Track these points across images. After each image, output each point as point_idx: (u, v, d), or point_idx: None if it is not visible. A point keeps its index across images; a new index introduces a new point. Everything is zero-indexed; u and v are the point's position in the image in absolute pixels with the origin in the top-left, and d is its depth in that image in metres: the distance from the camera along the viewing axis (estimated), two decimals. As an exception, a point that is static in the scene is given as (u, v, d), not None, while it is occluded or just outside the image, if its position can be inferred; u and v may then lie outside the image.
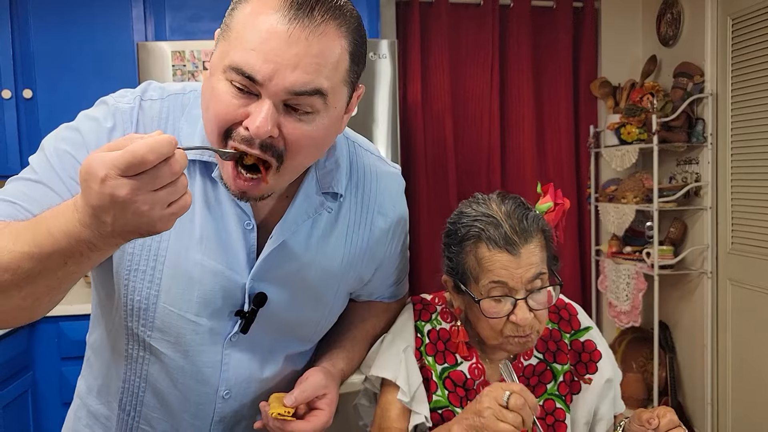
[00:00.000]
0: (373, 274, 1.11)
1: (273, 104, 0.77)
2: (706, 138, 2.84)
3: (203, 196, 0.92)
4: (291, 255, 0.96)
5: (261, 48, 0.75)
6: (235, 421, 1.05)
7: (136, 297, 0.93)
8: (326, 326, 1.11)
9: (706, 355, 2.88)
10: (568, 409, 1.15)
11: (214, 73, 0.80)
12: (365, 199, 1.04)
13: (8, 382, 2.16)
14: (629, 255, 3.04)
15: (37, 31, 2.57)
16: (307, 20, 0.75)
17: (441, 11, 3.16)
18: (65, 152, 0.88)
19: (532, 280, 1.04)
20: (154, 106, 0.92)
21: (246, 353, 1.00)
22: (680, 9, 2.99)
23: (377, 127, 2.34)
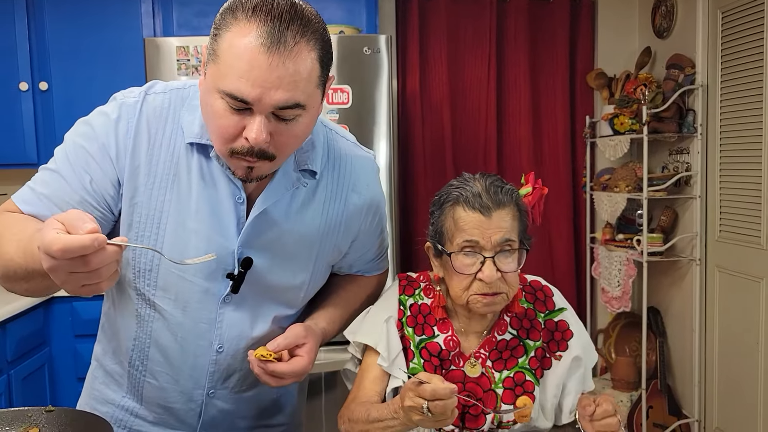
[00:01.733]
0: (350, 247, 1.24)
1: (264, 117, 0.93)
2: (696, 128, 2.92)
3: (200, 173, 1.07)
4: (272, 222, 1.11)
5: (248, 76, 0.90)
6: (227, 374, 1.18)
7: (142, 260, 1.09)
8: (309, 294, 1.23)
9: (695, 339, 2.98)
10: (537, 382, 1.25)
11: (211, 91, 0.95)
12: (341, 179, 1.18)
13: (27, 356, 2.31)
14: (621, 242, 3.13)
15: (53, 27, 2.70)
16: (282, 47, 0.90)
17: (440, 4, 3.25)
18: (80, 146, 1.06)
19: (501, 243, 1.16)
20: (157, 99, 1.08)
21: (238, 313, 1.14)
22: (674, 2, 3.06)
23: (374, 120, 2.44)
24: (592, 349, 1.31)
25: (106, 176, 1.05)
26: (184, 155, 1.07)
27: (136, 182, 1.06)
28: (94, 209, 1.05)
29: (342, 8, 2.80)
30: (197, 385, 1.17)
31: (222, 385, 1.19)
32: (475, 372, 1.24)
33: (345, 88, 2.41)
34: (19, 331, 2.24)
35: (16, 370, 2.22)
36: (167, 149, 1.07)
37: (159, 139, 1.07)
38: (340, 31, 2.49)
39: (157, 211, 1.07)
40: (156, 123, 1.07)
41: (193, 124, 1.06)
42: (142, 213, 1.07)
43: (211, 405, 1.20)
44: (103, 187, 1.06)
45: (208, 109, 0.97)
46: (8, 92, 2.70)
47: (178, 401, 1.19)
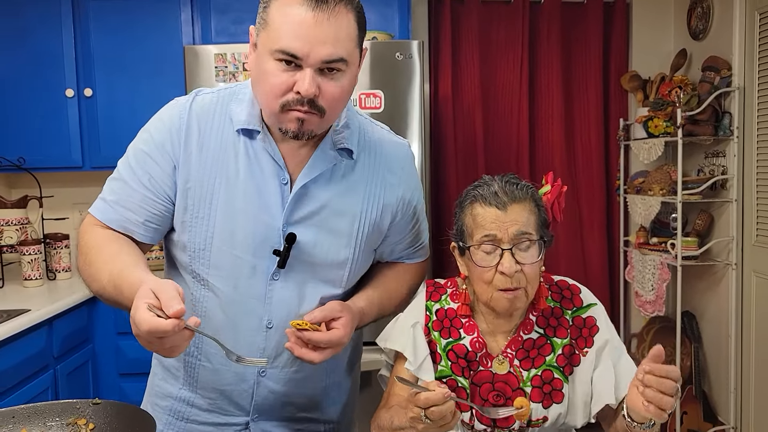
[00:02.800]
0: (389, 229, 1.30)
1: (312, 71, 1.05)
2: (732, 131, 2.88)
3: (246, 157, 1.18)
4: (313, 198, 1.19)
5: (297, 34, 1.02)
6: (277, 351, 1.23)
7: (197, 239, 1.19)
8: (353, 275, 1.28)
9: (731, 345, 2.93)
10: (566, 379, 1.26)
11: (262, 57, 1.06)
12: (377, 160, 1.26)
13: (72, 352, 2.40)
14: (655, 246, 3.10)
15: (97, 36, 2.81)
16: (325, 6, 1.03)
17: (472, 8, 3.27)
18: (139, 149, 1.20)
19: (518, 236, 1.19)
20: (206, 97, 1.22)
21: (285, 290, 1.21)
22: (710, 3, 3.02)
23: (406, 124, 2.47)
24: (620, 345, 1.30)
25: (163, 171, 1.18)
26: (232, 142, 1.18)
27: (189, 169, 1.17)
28: (155, 202, 1.18)
29: (375, 14, 2.84)
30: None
31: (273, 363, 1.24)
32: (503, 369, 1.26)
33: (377, 93, 2.45)
34: (65, 328, 2.33)
35: (62, 366, 2.31)
36: (217, 137, 1.18)
37: (208, 130, 1.18)
38: (373, 37, 2.54)
39: (208, 193, 1.17)
40: (205, 116, 1.19)
41: (242, 113, 1.17)
42: (195, 196, 1.17)
43: (262, 385, 1.25)
44: (162, 181, 1.18)
45: (260, 75, 1.08)
46: (55, 99, 2.82)
47: (232, 382, 1.24)
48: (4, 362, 1.95)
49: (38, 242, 2.64)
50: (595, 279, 3.40)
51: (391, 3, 2.84)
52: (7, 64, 2.80)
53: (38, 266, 2.62)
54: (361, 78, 2.45)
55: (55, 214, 2.93)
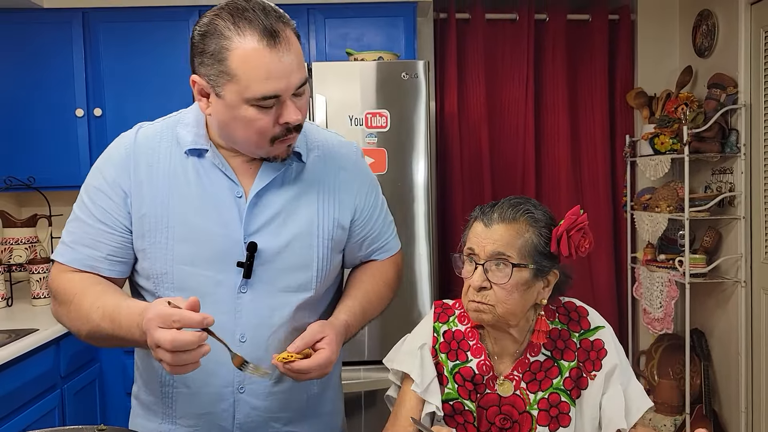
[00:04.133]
0: (353, 224, 1.31)
1: (291, 100, 1.10)
2: (739, 148, 2.87)
3: (197, 176, 1.20)
4: (269, 204, 1.21)
5: (270, 76, 1.06)
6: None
7: (158, 265, 1.19)
8: (322, 276, 1.26)
9: (741, 363, 2.91)
10: (573, 403, 1.25)
11: (236, 107, 1.08)
12: (327, 160, 1.29)
13: (79, 371, 2.40)
14: (663, 263, 3.09)
15: (107, 57, 2.85)
16: (278, 38, 1.06)
17: (477, 27, 3.30)
18: (92, 187, 1.22)
19: (492, 254, 1.20)
20: (149, 128, 1.25)
21: (255, 301, 1.20)
22: (715, 20, 3.03)
23: (412, 143, 2.49)
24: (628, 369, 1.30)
25: (116, 203, 1.19)
26: (182, 165, 1.20)
27: (141, 197, 1.19)
28: (112, 235, 1.20)
29: (381, 35, 2.87)
30: (226, 382, 1.22)
31: (250, 378, 1.21)
32: (506, 391, 1.26)
33: (383, 112, 2.46)
34: (72, 348, 2.33)
35: (69, 385, 2.31)
36: (166, 162, 1.20)
37: (156, 156, 1.21)
38: (379, 57, 2.56)
39: (163, 217, 1.19)
40: (152, 144, 1.22)
41: (188, 135, 1.20)
42: (151, 222, 1.19)
43: (243, 402, 1.23)
44: (116, 213, 1.19)
45: (239, 122, 1.10)
46: (65, 118, 2.85)
47: (211, 403, 1.23)
48: (12, 382, 1.96)
49: (47, 261, 2.66)
50: (602, 296, 3.39)
51: (396, 24, 2.87)
52: (18, 85, 2.84)
53: (47, 285, 2.63)
54: (367, 97, 2.47)
55: (63, 233, 2.95)
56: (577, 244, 1.23)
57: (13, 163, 2.84)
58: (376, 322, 2.48)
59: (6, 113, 2.85)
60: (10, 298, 2.63)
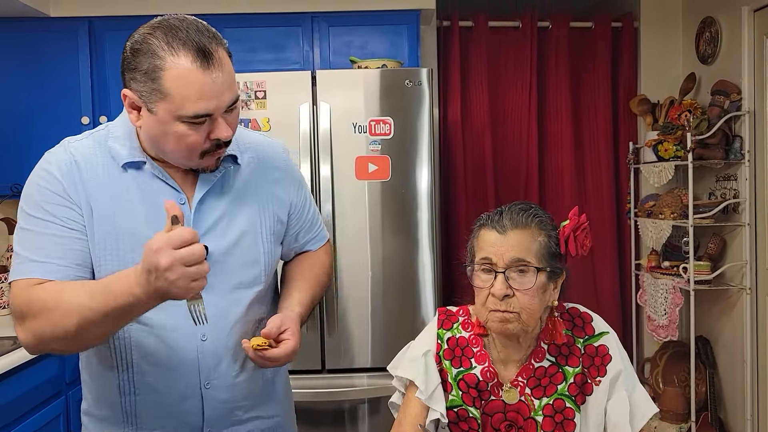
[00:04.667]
0: (289, 218, 1.40)
1: (222, 117, 1.14)
2: (743, 155, 2.87)
3: (138, 188, 1.22)
4: (213, 208, 1.26)
5: (202, 96, 1.09)
6: (216, 360, 1.26)
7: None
8: (268, 269, 1.34)
9: (746, 370, 2.89)
10: (578, 408, 1.25)
11: (167, 123, 1.11)
12: (260, 161, 1.35)
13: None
14: (667, 270, 3.08)
15: (113, 65, 2.87)
16: (211, 59, 1.09)
17: (480, 35, 3.31)
18: (41, 200, 1.18)
19: (513, 261, 1.20)
20: (81, 143, 1.25)
21: (212, 301, 1.19)
22: (718, 27, 3.04)
23: (416, 150, 2.49)
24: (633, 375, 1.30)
25: (75, 211, 1.18)
26: (121, 178, 1.21)
27: (90, 211, 1.19)
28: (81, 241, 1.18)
29: (385, 42, 2.88)
30: (192, 380, 1.24)
31: (214, 374, 1.26)
32: (512, 398, 1.26)
33: (387, 120, 2.47)
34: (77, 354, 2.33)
35: (74, 392, 2.31)
36: (105, 177, 1.21)
37: (95, 171, 1.21)
38: (382, 65, 2.57)
39: (111, 230, 1.19)
40: (87, 158, 1.21)
41: (122, 149, 1.22)
42: (100, 235, 1.19)
43: (210, 397, 1.26)
44: (73, 218, 1.18)
45: (169, 137, 1.13)
46: (71, 126, 2.86)
47: (178, 402, 1.25)
48: (17, 389, 1.96)
49: (52, 268, 2.66)
50: (606, 303, 3.38)
51: (400, 31, 2.88)
52: (25, 92, 2.86)
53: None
54: (371, 105, 2.48)
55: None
56: (582, 243, 1.26)
57: (19, 171, 2.84)
58: (380, 329, 2.50)
59: (12, 121, 2.87)
60: (16, 305, 2.64)
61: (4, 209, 2.89)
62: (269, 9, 2.85)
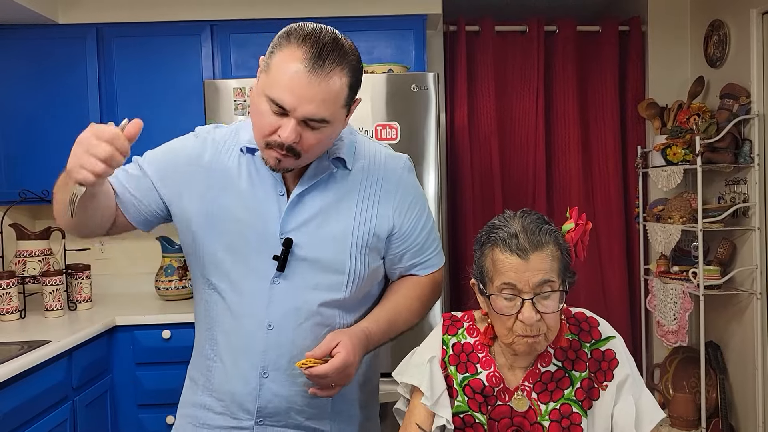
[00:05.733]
0: (391, 236, 1.36)
1: (296, 122, 1.16)
2: (753, 158, 2.85)
3: (248, 173, 1.31)
4: (309, 206, 1.30)
5: (289, 89, 1.13)
6: (278, 353, 1.29)
7: (207, 250, 1.31)
8: (353, 282, 1.32)
9: (758, 376, 2.86)
10: (585, 414, 1.24)
11: (260, 94, 1.18)
12: (372, 170, 1.35)
13: (90, 383, 2.41)
14: (676, 274, 3.06)
15: (120, 71, 2.89)
16: (320, 70, 1.13)
17: (487, 39, 3.31)
18: (167, 145, 1.39)
19: (540, 285, 1.16)
20: (224, 129, 1.40)
21: (285, 293, 1.29)
22: (726, 31, 3.02)
23: (422, 155, 2.49)
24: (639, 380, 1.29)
25: (176, 168, 1.34)
26: (237, 160, 1.32)
27: (201, 187, 1.31)
28: (146, 181, 1.34)
29: (392, 47, 2.89)
30: (252, 366, 1.30)
31: (274, 366, 1.30)
32: (523, 406, 1.24)
33: (393, 125, 2.47)
34: (84, 359, 2.34)
35: (81, 397, 2.32)
36: (227, 158, 1.32)
37: (220, 149, 1.33)
38: (389, 70, 2.57)
39: (214, 206, 1.30)
40: (220, 139, 1.35)
41: (246, 135, 1.31)
42: (204, 209, 1.31)
43: (265, 388, 1.30)
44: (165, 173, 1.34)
45: (254, 108, 1.20)
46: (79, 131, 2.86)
47: (239, 383, 1.31)
48: (24, 393, 1.97)
49: (60, 273, 2.68)
50: (615, 308, 3.35)
51: (406, 36, 2.89)
52: (33, 99, 2.88)
53: (60, 297, 2.65)
54: (377, 109, 2.48)
55: (76, 245, 2.97)
56: (586, 245, 1.26)
57: (28, 176, 2.88)
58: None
59: (21, 127, 2.89)
60: (24, 310, 2.65)
61: (12, 215, 2.91)
62: (276, 14, 2.86)
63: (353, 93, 1.21)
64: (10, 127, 2.89)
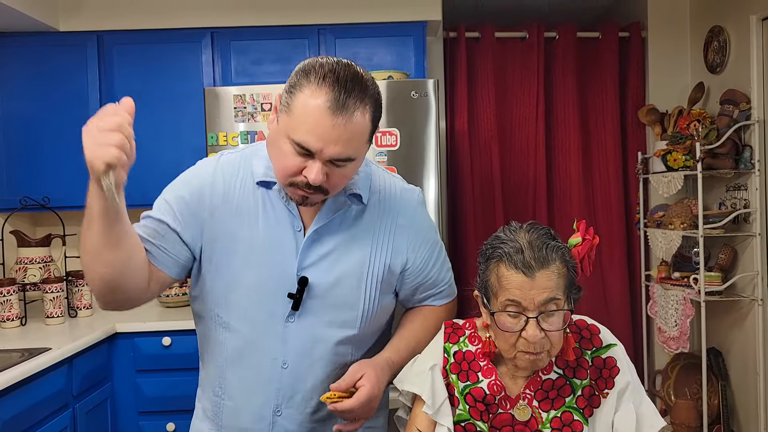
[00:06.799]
0: (405, 270, 1.35)
1: (321, 163, 1.15)
2: (753, 164, 2.85)
3: (264, 207, 1.28)
4: (325, 242, 1.28)
5: (314, 132, 1.12)
6: (292, 392, 1.29)
7: (219, 286, 1.28)
8: (367, 318, 1.32)
9: (759, 382, 2.85)
10: (586, 421, 1.23)
11: (281, 137, 1.16)
12: (387, 204, 1.34)
13: (91, 390, 2.41)
14: (677, 280, 3.05)
15: (121, 78, 2.90)
16: (344, 111, 1.12)
17: (487, 45, 3.31)
18: (173, 194, 1.30)
19: (545, 303, 1.14)
20: (231, 156, 1.35)
21: (300, 331, 1.27)
22: (726, 37, 3.03)
23: (422, 161, 2.49)
24: (640, 387, 1.28)
25: (189, 213, 1.28)
26: (252, 194, 1.28)
27: (213, 222, 1.27)
28: (169, 231, 1.26)
29: (392, 54, 2.89)
30: (266, 403, 1.28)
31: (287, 404, 1.29)
32: (525, 415, 1.24)
33: (393, 131, 2.47)
34: (84, 367, 2.34)
35: (81, 404, 2.31)
36: (240, 189, 1.29)
37: (232, 182, 1.29)
38: (388, 77, 2.58)
39: (231, 242, 1.27)
40: (230, 170, 1.31)
41: (260, 167, 1.28)
42: (219, 246, 1.28)
43: (278, 425, 1.29)
44: (184, 221, 1.27)
45: (276, 149, 1.19)
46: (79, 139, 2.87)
47: (251, 420, 1.30)
48: (24, 401, 1.96)
49: (61, 280, 2.68)
50: (616, 314, 3.35)
51: (406, 43, 2.89)
52: (34, 106, 2.89)
53: (60, 304, 2.65)
54: (377, 116, 2.49)
55: (77, 252, 2.97)
56: (592, 260, 1.24)
57: (28, 183, 2.88)
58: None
59: (22, 134, 2.90)
60: (24, 317, 2.65)
61: (13, 222, 2.91)
62: (276, 22, 2.87)
63: (375, 126, 1.21)
64: (11, 134, 2.89)
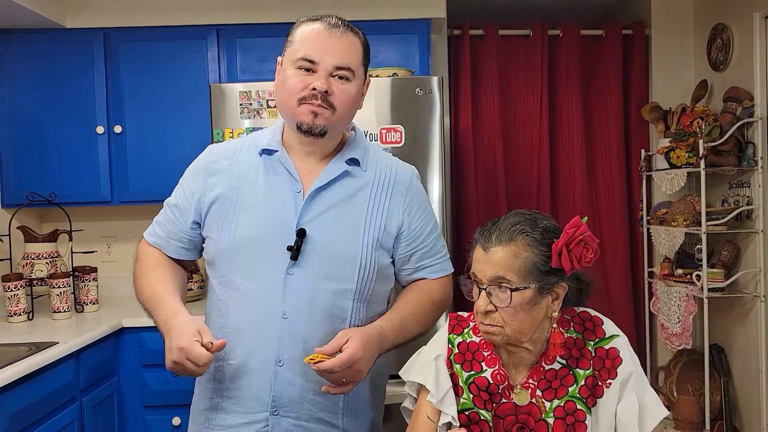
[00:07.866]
0: (400, 233, 1.44)
1: (326, 72, 1.32)
2: (756, 161, 2.86)
3: (266, 172, 1.41)
4: (324, 201, 1.39)
5: (314, 45, 1.33)
6: (293, 342, 1.35)
7: (221, 245, 1.40)
8: (364, 272, 1.39)
9: (762, 379, 2.86)
10: (589, 411, 1.25)
11: (285, 69, 1.35)
12: (384, 174, 1.45)
13: (98, 384, 2.43)
14: (680, 277, 3.06)
15: (127, 75, 2.92)
16: (336, 30, 1.35)
17: (491, 43, 3.33)
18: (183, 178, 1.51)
19: (493, 279, 1.20)
20: (233, 141, 1.53)
21: (299, 283, 1.35)
22: (730, 34, 3.03)
23: (426, 158, 2.50)
24: (643, 378, 1.29)
25: (191, 190, 1.45)
26: (255, 163, 1.42)
27: (215, 183, 1.42)
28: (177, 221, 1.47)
29: (396, 51, 2.91)
30: (267, 354, 1.35)
31: (288, 354, 1.34)
32: (523, 400, 1.26)
33: (398, 128, 2.49)
34: (91, 361, 2.36)
35: (88, 398, 2.33)
36: (244, 160, 1.43)
37: (236, 156, 1.44)
38: (393, 74, 2.59)
39: (233, 201, 1.39)
40: (234, 144, 1.48)
41: (264, 138, 1.44)
42: (221, 205, 1.40)
43: (280, 376, 1.34)
44: (189, 199, 1.46)
45: (282, 83, 1.35)
46: (86, 135, 2.91)
47: (252, 373, 1.35)
48: (32, 394, 1.98)
49: (67, 275, 2.70)
50: (619, 311, 3.36)
51: (411, 40, 2.91)
52: (41, 102, 2.91)
53: (67, 299, 2.67)
54: (381, 113, 2.50)
55: (84, 248, 2.99)
56: (579, 256, 1.22)
57: (35, 180, 2.90)
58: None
59: (29, 130, 2.92)
60: (31, 312, 2.67)
61: (20, 218, 2.94)
62: (279, 19, 2.88)
63: (366, 59, 1.39)
64: (18, 131, 2.92)
